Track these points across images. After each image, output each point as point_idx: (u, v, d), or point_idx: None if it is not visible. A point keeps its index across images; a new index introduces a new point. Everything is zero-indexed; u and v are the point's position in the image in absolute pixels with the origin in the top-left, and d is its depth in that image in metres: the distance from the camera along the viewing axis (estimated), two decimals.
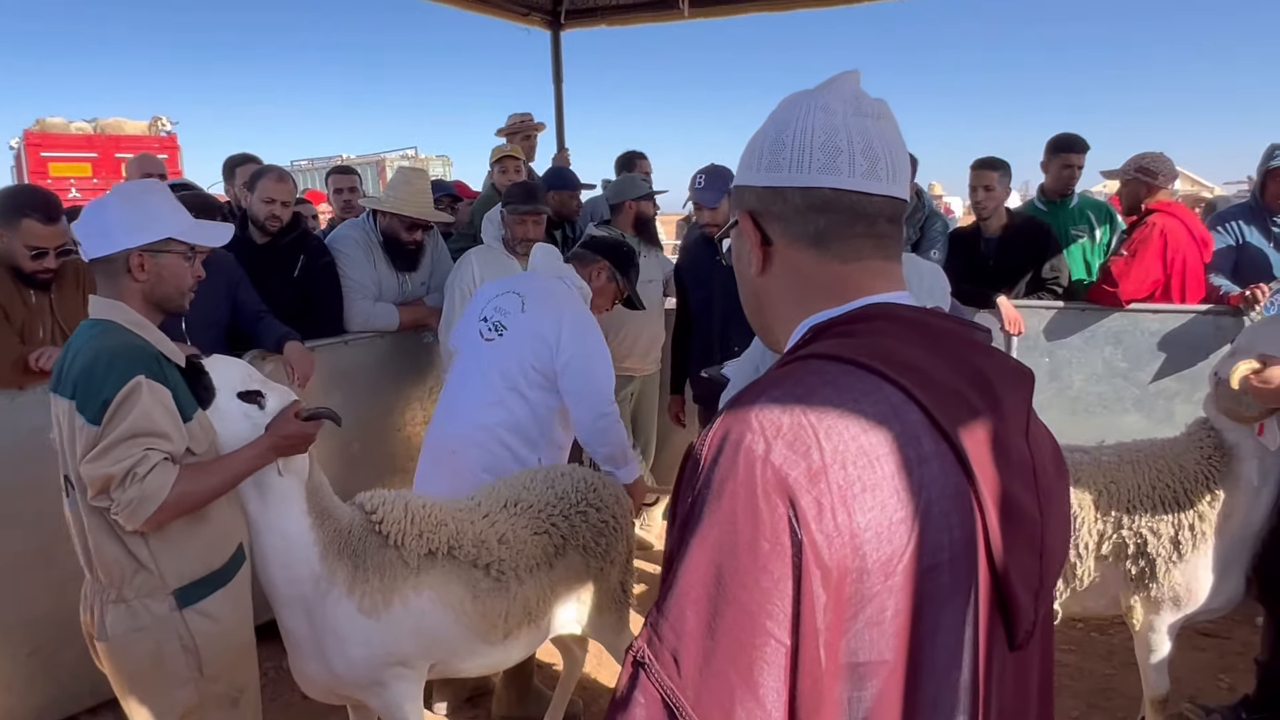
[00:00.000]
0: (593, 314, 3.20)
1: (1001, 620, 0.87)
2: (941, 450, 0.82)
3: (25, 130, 14.48)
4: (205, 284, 3.42)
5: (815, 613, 0.76)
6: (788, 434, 0.79)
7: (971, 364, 0.89)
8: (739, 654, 0.76)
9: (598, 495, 2.78)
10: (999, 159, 4.40)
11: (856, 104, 0.92)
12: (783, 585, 0.76)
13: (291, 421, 2.14)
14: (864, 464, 0.79)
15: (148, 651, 2.03)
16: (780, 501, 0.76)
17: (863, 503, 0.78)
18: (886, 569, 0.78)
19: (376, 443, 4.19)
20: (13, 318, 3.06)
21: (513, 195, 3.96)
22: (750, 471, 0.78)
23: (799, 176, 0.91)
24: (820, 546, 0.76)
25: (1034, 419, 0.94)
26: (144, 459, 1.89)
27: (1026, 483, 0.89)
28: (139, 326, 2.03)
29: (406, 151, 19.17)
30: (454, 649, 2.49)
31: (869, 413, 0.81)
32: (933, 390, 0.84)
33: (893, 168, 0.91)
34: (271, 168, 3.99)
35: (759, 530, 0.76)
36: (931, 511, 0.80)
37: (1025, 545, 0.87)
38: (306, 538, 2.23)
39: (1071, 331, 4.39)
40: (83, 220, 2.04)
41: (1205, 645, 3.67)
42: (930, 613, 0.81)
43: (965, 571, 0.83)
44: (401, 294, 4.22)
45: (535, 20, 6.39)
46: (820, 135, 0.90)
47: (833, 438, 0.79)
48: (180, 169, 15.32)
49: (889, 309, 0.91)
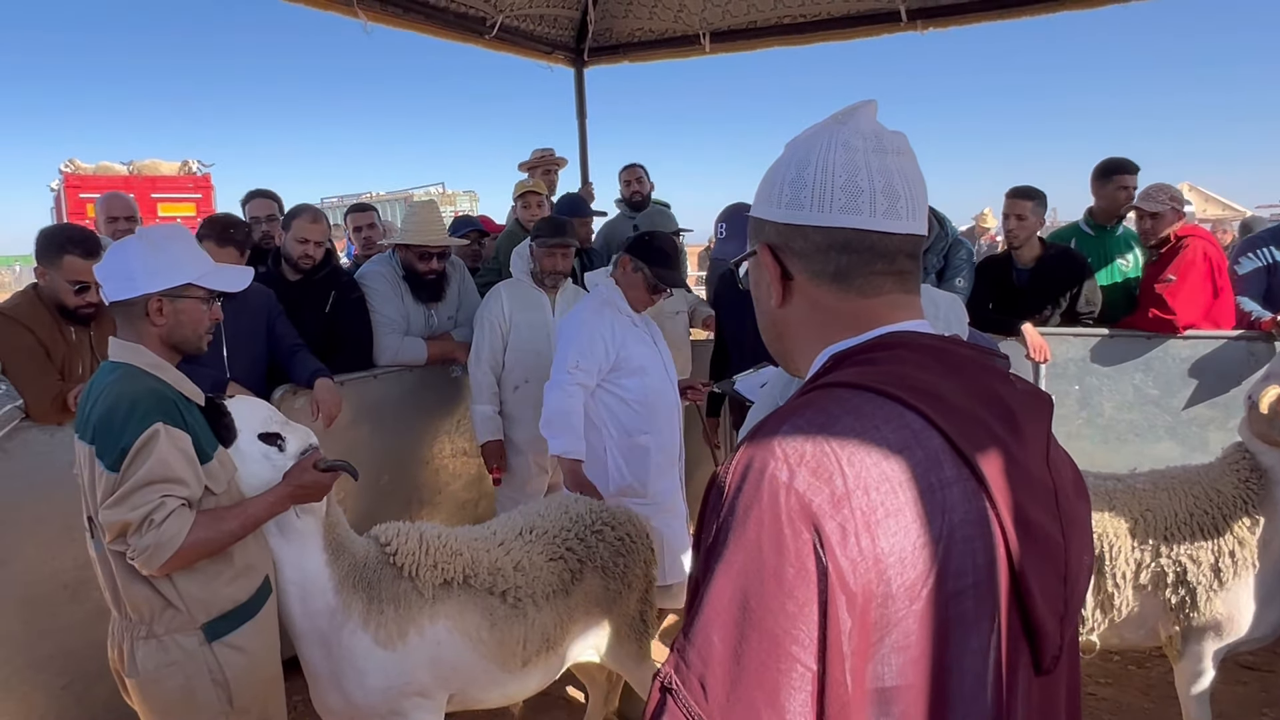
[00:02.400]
0: (640, 310, 3.43)
1: (1027, 644, 0.87)
2: (963, 475, 0.83)
3: (64, 172, 14.86)
4: (247, 319, 3.55)
5: (841, 638, 0.76)
6: (811, 461, 0.80)
7: (991, 390, 0.89)
8: (765, 680, 0.76)
9: (611, 515, 2.82)
10: (1034, 188, 4.36)
11: (878, 140, 0.92)
12: (808, 610, 0.76)
13: (309, 471, 2.18)
14: (886, 490, 0.79)
15: (178, 686, 2.05)
16: (805, 528, 0.77)
17: (886, 528, 0.78)
18: (911, 594, 0.79)
19: (405, 475, 4.23)
20: (53, 355, 3.13)
21: (541, 229, 4.01)
22: (775, 498, 0.79)
23: (821, 216, 0.92)
24: (845, 572, 0.77)
25: (1054, 444, 0.95)
26: (161, 505, 1.91)
27: (1048, 507, 0.89)
28: (157, 368, 2.06)
29: (433, 187, 19.44)
30: (472, 678, 2.50)
31: (890, 439, 0.81)
32: (953, 416, 0.84)
33: (912, 204, 0.92)
34: (306, 207, 4.07)
35: (784, 557, 0.77)
36: (955, 537, 0.81)
37: (1049, 569, 0.87)
38: (322, 573, 2.27)
39: (1101, 359, 4.34)
40: (105, 263, 2.09)
41: (1248, 679, 3.58)
42: (956, 638, 0.81)
43: (989, 596, 0.83)
44: (429, 328, 4.27)
45: (559, 59, 6.49)
46: (841, 175, 0.91)
47: (855, 464, 0.80)
48: (214, 207, 15.64)
49: (909, 337, 0.92)
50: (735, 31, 6.13)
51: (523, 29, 5.97)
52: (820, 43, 6.07)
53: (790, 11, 5.91)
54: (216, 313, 2.18)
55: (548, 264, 3.95)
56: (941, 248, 4.53)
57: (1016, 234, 4.35)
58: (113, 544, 1.96)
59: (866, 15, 5.71)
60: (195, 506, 2.00)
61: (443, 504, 4.45)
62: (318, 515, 2.27)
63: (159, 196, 15.36)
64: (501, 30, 5.68)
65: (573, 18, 6.31)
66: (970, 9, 5.43)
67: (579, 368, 3.27)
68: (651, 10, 6.24)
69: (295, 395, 3.63)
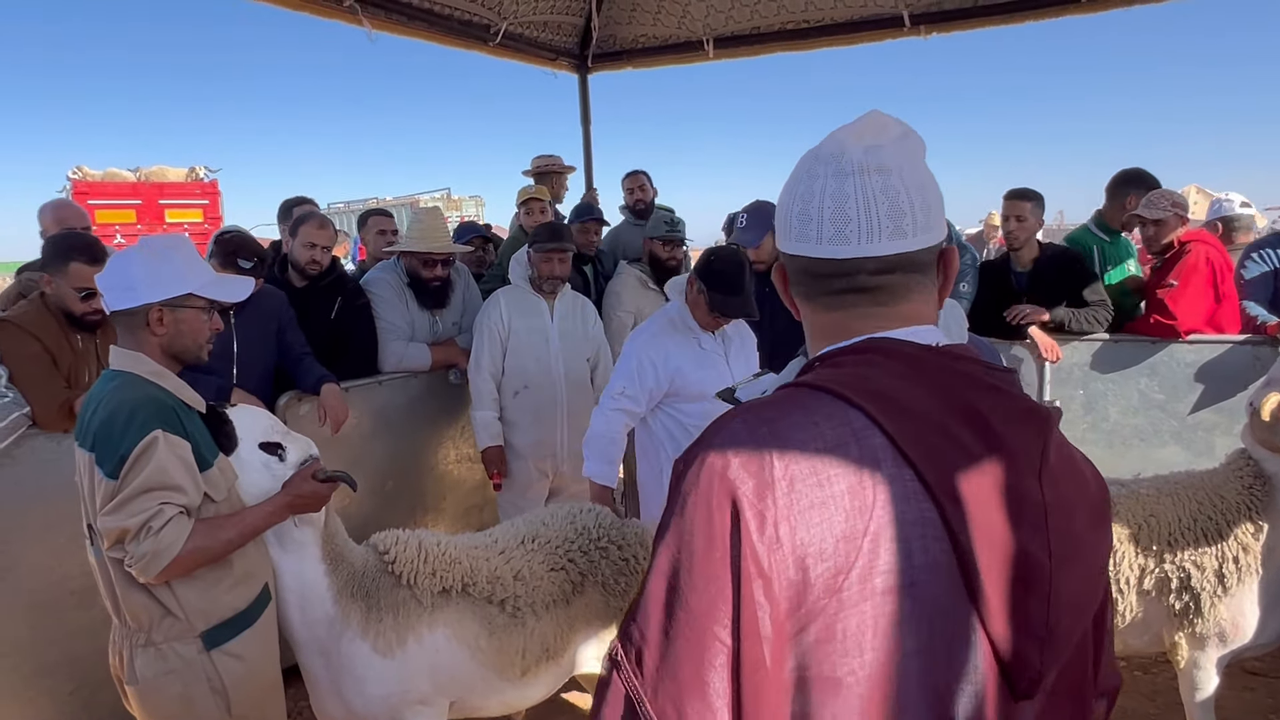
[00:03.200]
0: (710, 330, 3.30)
1: (997, 664, 0.85)
2: (904, 476, 0.84)
3: (72, 179, 14.94)
4: (259, 325, 3.57)
5: (757, 619, 0.80)
6: (745, 451, 0.85)
7: (965, 400, 0.88)
8: (690, 656, 0.81)
9: (620, 533, 2.79)
10: (1031, 190, 4.37)
11: (838, 163, 0.94)
12: (728, 592, 0.81)
13: (308, 482, 2.19)
14: (813, 483, 0.83)
15: (177, 694, 2.06)
16: (728, 513, 0.82)
17: (807, 519, 0.81)
18: (830, 585, 0.81)
19: (410, 481, 4.24)
20: (60, 363, 3.15)
21: (539, 235, 4.03)
22: (709, 484, 0.84)
23: (786, 244, 0.99)
24: (761, 557, 0.80)
25: (1058, 461, 0.91)
26: (159, 513, 1.92)
27: (1033, 524, 0.86)
28: (158, 376, 2.07)
29: (439, 192, 19.48)
30: (471, 686, 2.51)
31: (827, 435, 0.85)
32: (903, 419, 0.85)
33: (867, 225, 0.92)
34: (313, 214, 4.10)
35: (710, 540, 0.82)
36: (883, 535, 0.82)
37: (1023, 586, 0.85)
38: (321, 582, 2.28)
39: (1105, 364, 4.33)
40: (107, 273, 2.10)
41: (1255, 685, 3.56)
42: (887, 636, 0.82)
43: (931, 599, 0.83)
44: (433, 334, 4.29)
45: (563, 65, 6.51)
46: (799, 204, 0.96)
47: (786, 457, 0.84)
48: (221, 214, 15.71)
49: (885, 343, 0.93)
50: (738, 37, 6.15)
51: (527, 36, 5.99)
52: (823, 48, 6.07)
53: (793, 17, 5.92)
54: (217, 323, 2.19)
55: (545, 269, 3.97)
56: None
57: (1016, 235, 4.35)
58: (111, 551, 1.97)
59: (870, 20, 5.72)
60: (194, 514, 2.01)
61: (447, 510, 4.46)
62: (316, 526, 2.28)
63: (166, 203, 15.45)
64: (506, 37, 5.70)
65: (576, 24, 6.34)
66: (973, 14, 5.44)
67: (624, 394, 3.23)
68: (655, 16, 6.26)
69: (300, 401, 3.65)
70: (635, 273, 4.70)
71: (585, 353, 4.16)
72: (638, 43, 6.48)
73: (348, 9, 4.61)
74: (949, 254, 0.98)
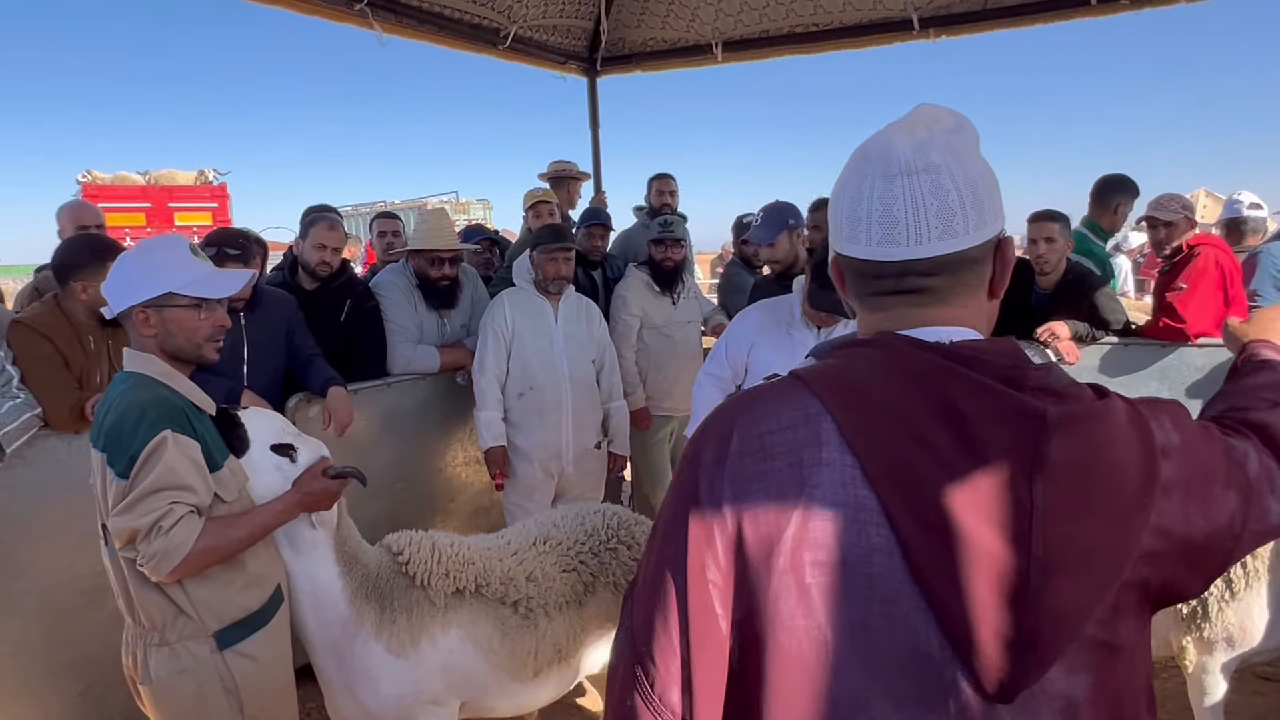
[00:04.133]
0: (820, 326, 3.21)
1: (960, 662, 0.84)
2: (846, 461, 0.89)
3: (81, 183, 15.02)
4: (270, 327, 3.59)
5: (704, 570, 0.92)
6: (716, 427, 0.97)
7: (947, 398, 0.88)
8: (658, 588, 0.95)
9: (629, 533, 2.80)
10: (1058, 211, 4.23)
11: (885, 164, 0.94)
12: (685, 545, 0.93)
13: (318, 479, 2.19)
14: (759, 457, 0.92)
15: (190, 693, 2.07)
16: (692, 478, 0.95)
17: (748, 489, 0.91)
18: (764, 550, 0.90)
19: (419, 483, 4.25)
20: (72, 364, 3.17)
21: (542, 236, 4.04)
22: (688, 452, 0.99)
23: (837, 244, 1.01)
24: (709, 518, 0.92)
25: (1079, 462, 0.86)
26: (169, 512, 1.92)
27: (1010, 526, 0.84)
28: (168, 377, 2.07)
29: (447, 196, 19.51)
30: (484, 686, 2.52)
31: (781, 416, 0.93)
32: (858, 409, 0.90)
33: (918, 229, 0.92)
34: (324, 215, 4.13)
35: (681, 497, 0.96)
36: (815, 512, 0.89)
37: (990, 589, 0.83)
38: (335, 584, 2.29)
39: (1115, 368, 4.31)
40: (107, 279, 2.10)
41: (1266, 690, 3.55)
42: (821, 608, 0.88)
43: (868, 580, 0.87)
44: (442, 336, 4.30)
45: (572, 68, 6.52)
46: (849, 205, 0.97)
47: (741, 432, 0.94)
48: (230, 216, 15.78)
49: (883, 339, 0.95)
50: (747, 40, 6.16)
51: (536, 39, 6.01)
52: (832, 51, 6.07)
53: (802, 20, 5.92)
54: (221, 319, 2.14)
55: (550, 270, 3.98)
56: None
57: (1047, 258, 4.16)
58: (122, 551, 1.98)
59: (879, 24, 5.71)
60: (205, 514, 2.01)
61: (456, 511, 4.48)
62: (329, 527, 2.29)
63: (176, 206, 15.53)
64: (515, 41, 5.72)
65: (586, 28, 6.35)
66: (982, 17, 5.43)
67: (714, 359, 3.38)
68: (664, 20, 6.27)
69: (309, 404, 3.66)
70: (642, 276, 4.71)
71: (590, 354, 4.17)
72: (647, 46, 6.49)
73: (359, 13, 4.63)
74: (1005, 244, 0.98)
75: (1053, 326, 4.10)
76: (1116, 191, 4.60)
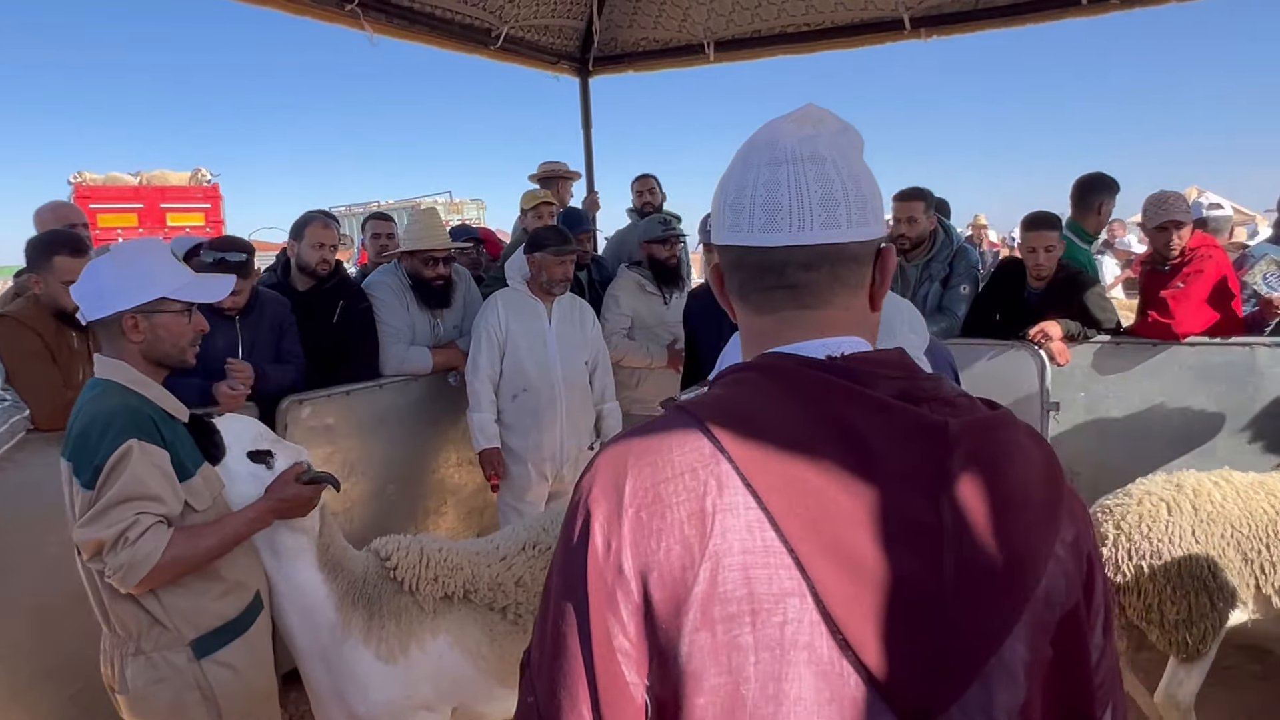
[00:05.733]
0: None
1: (878, 695, 0.81)
2: (747, 504, 0.82)
3: (73, 183, 14.96)
4: (265, 330, 3.56)
5: (608, 635, 0.83)
6: (607, 475, 0.87)
7: (841, 419, 0.85)
8: (560, 660, 0.86)
9: None
10: (1053, 215, 4.23)
11: (772, 151, 0.92)
12: (585, 608, 0.84)
13: (291, 485, 2.15)
14: (657, 510, 0.83)
15: (168, 703, 2.04)
16: (584, 532, 0.86)
17: (647, 546, 0.83)
18: (672, 610, 0.82)
19: (412, 484, 4.24)
20: (58, 360, 3.14)
21: (546, 238, 4.01)
22: (579, 502, 0.88)
23: (719, 235, 0.96)
24: (609, 581, 0.83)
25: (983, 479, 0.85)
26: (135, 523, 1.89)
27: (917, 547, 0.82)
28: (139, 384, 2.04)
29: (441, 196, 19.48)
30: (474, 692, 2.50)
31: (676, 462, 0.85)
32: (754, 445, 0.84)
33: (801, 215, 0.90)
34: (318, 215, 4.09)
35: (577, 554, 0.86)
36: (723, 563, 0.81)
37: (899, 615, 0.80)
38: (320, 591, 2.27)
39: (1107, 366, 4.32)
40: (79, 283, 2.06)
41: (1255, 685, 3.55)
42: (739, 663, 0.80)
43: (781, 628, 0.81)
44: (434, 336, 4.29)
45: (564, 69, 6.52)
46: (732, 194, 0.94)
47: (634, 481, 0.85)
48: (222, 218, 15.73)
49: (770, 360, 0.91)
50: (739, 40, 6.16)
51: (528, 39, 6.00)
52: (824, 51, 6.08)
53: (794, 20, 5.92)
54: (200, 324, 2.13)
55: (558, 272, 3.97)
56: (946, 255, 4.51)
57: (1045, 265, 4.17)
58: (89, 562, 1.95)
59: (870, 23, 5.72)
60: (175, 523, 1.98)
61: (449, 513, 4.46)
62: (310, 533, 2.26)
63: (168, 206, 15.47)
64: (507, 41, 5.71)
65: (577, 28, 6.34)
66: (973, 17, 5.43)
67: None
68: (656, 20, 6.27)
69: (301, 405, 3.64)
70: (634, 276, 4.70)
71: (583, 355, 4.15)
72: (639, 46, 6.49)
73: (349, 13, 4.62)
74: (886, 253, 0.95)
75: (1045, 327, 4.10)
76: (1097, 191, 4.59)
